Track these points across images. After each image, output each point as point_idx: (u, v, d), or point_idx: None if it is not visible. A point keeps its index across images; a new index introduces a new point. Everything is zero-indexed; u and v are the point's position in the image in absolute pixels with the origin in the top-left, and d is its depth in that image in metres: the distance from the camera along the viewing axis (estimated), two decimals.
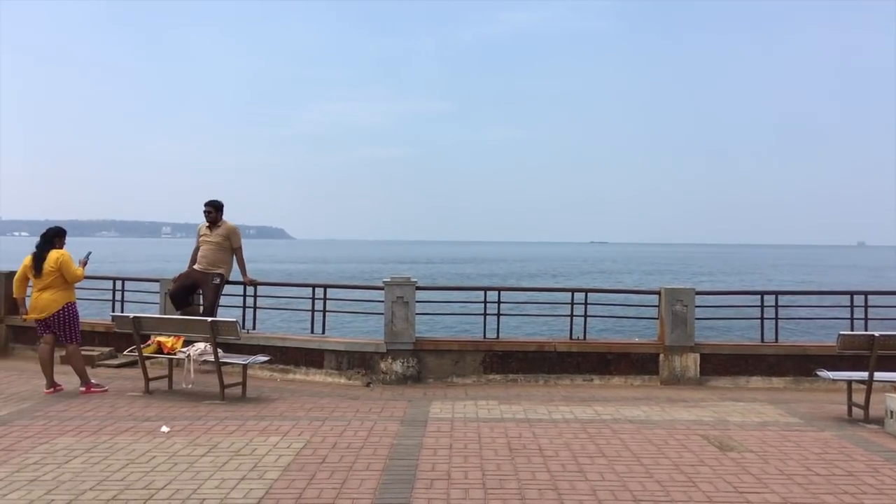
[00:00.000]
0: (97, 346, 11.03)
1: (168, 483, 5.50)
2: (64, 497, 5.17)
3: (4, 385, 9.28)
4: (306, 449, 6.50)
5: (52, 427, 7.18)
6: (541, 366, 10.06)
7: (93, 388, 8.90)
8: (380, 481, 5.64)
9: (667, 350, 10.05)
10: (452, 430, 7.26)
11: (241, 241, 10.46)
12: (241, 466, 5.94)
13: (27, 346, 11.61)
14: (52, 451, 6.32)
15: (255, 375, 9.83)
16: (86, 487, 5.38)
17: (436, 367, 9.98)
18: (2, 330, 11.86)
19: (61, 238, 9.05)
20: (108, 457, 6.17)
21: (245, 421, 7.51)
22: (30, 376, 9.80)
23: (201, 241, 10.39)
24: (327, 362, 10.12)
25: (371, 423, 7.48)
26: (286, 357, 10.26)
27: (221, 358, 8.76)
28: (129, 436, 6.87)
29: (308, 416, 7.82)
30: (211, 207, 10.33)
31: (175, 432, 7.02)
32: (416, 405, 8.45)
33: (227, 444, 6.59)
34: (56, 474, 5.69)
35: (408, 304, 9.85)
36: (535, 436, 7.08)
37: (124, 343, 10.34)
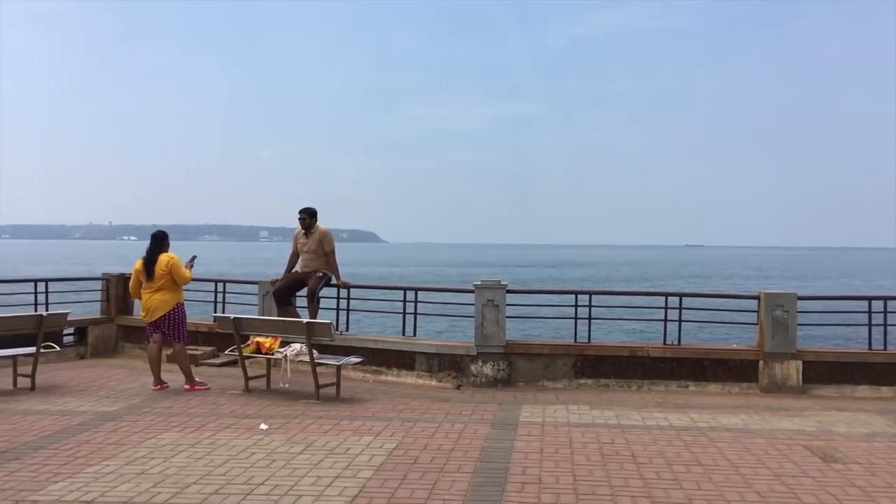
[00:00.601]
0: (200, 345, 11.49)
1: (267, 479, 5.69)
2: (169, 490, 5.42)
3: (115, 382, 9.79)
4: (398, 449, 6.60)
5: (158, 422, 7.53)
6: (634, 371, 9.89)
7: (196, 386, 9.29)
8: (470, 483, 5.67)
9: (766, 357, 9.71)
10: (543, 435, 7.22)
11: (333, 244, 10.70)
12: (336, 465, 6.08)
13: (136, 344, 12.20)
14: (159, 446, 6.63)
15: (349, 376, 10.04)
16: (190, 481, 5.62)
17: (526, 371, 9.94)
18: (113, 329, 12.50)
19: (167, 241, 9.48)
20: (211, 452, 6.43)
21: (339, 420, 7.69)
22: (138, 374, 10.30)
23: (299, 249, 10.73)
24: (418, 364, 10.24)
25: (462, 426, 7.53)
26: (378, 359, 10.43)
27: (316, 359, 9.00)
28: (231, 432, 7.14)
29: (400, 416, 7.94)
30: (305, 214, 10.63)
31: (273, 430, 7.25)
32: (507, 408, 8.45)
33: (323, 443, 6.76)
34: (162, 468, 5.96)
35: (498, 308, 9.86)
36: (628, 442, 6.97)
37: (225, 343, 10.74)
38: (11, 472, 5.80)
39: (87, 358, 11.89)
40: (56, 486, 5.47)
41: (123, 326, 12.50)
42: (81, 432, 7.09)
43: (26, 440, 6.78)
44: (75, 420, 7.59)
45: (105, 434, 7.03)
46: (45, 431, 7.11)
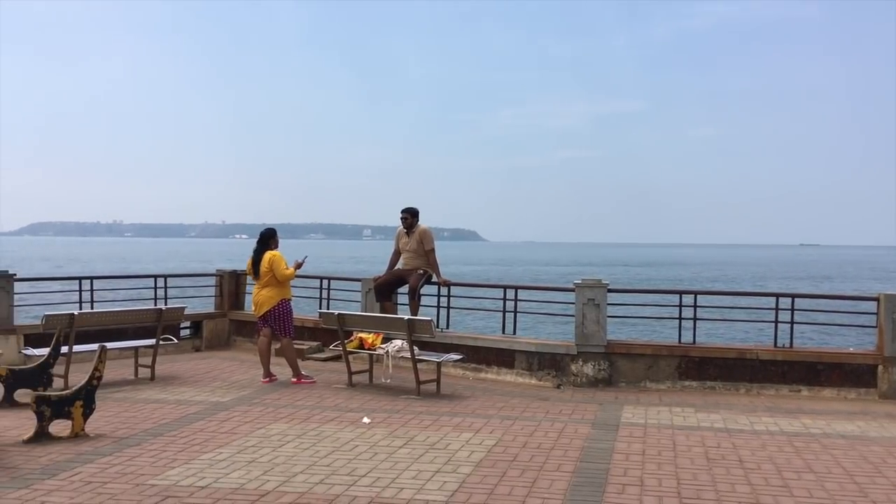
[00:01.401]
0: (306, 340, 11.86)
1: (369, 471, 5.83)
2: (278, 478, 5.63)
3: (227, 374, 10.23)
4: (498, 446, 6.63)
5: (267, 413, 7.83)
6: (741, 374, 9.56)
7: (303, 379, 9.60)
8: (570, 483, 5.64)
9: (887, 361, 9.19)
10: (645, 436, 7.10)
11: (433, 243, 10.83)
12: (436, 459, 6.17)
13: (246, 338, 12.71)
14: (268, 436, 6.90)
15: (449, 373, 10.14)
16: (297, 471, 5.83)
17: (628, 371, 9.78)
18: (225, 324, 13.07)
19: (274, 239, 9.82)
20: (317, 443, 6.64)
21: (439, 416, 7.78)
22: (249, 366, 10.73)
23: (400, 247, 10.93)
24: (518, 362, 10.23)
25: (561, 425, 7.48)
26: (478, 356, 10.48)
27: (417, 355, 9.14)
28: (335, 425, 7.35)
29: (499, 414, 7.96)
30: (407, 214, 10.82)
31: (375, 424, 7.41)
32: (608, 409, 8.34)
33: (423, 438, 6.87)
34: (271, 457, 6.20)
35: (599, 307, 9.74)
36: (735, 447, 6.76)
37: (330, 338, 11.04)
38: (132, 458, 6.16)
39: (201, 350, 12.48)
40: (173, 472, 5.78)
41: (235, 321, 13.04)
42: (197, 421, 7.46)
43: (146, 427, 7.19)
44: (191, 409, 7.98)
45: (218, 423, 7.37)
46: (163, 419, 7.52)
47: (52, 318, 9.03)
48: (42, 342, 9.70)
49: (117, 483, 5.49)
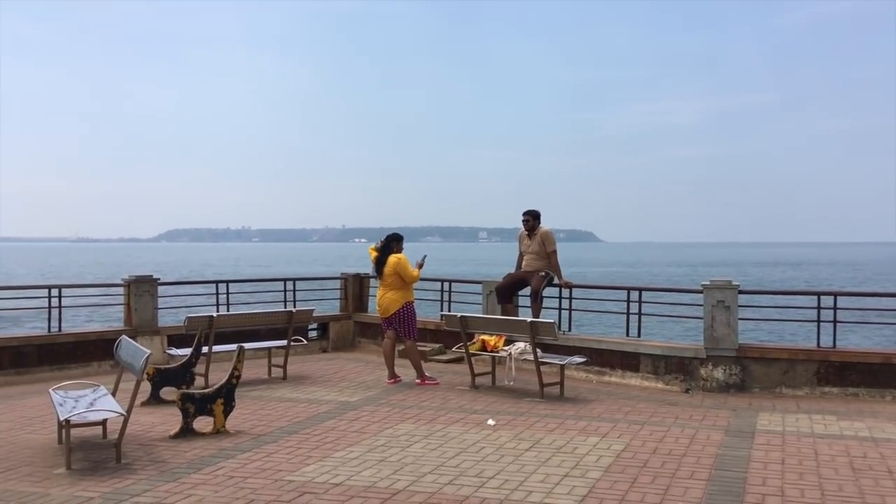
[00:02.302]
0: (429, 342, 12.02)
1: (497, 473, 5.84)
2: (407, 478, 5.73)
3: (354, 374, 10.51)
4: (626, 451, 6.50)
5: (394, 414, 7.99)
6: (889, 380, 8.96)
7: (427, 380, 9.74)
8: (705, 491, 5.45)
9: None
10: (784, 444, 6.77)
11: (555, 245, 10.75)
12: (564, 463, 6.11)
13: (370, 340, 13.02)
14: (396, 436, 7.03)
15: (572, 376, 10.02)
16: (425, 471, 5.91)
17: (761, 376, 9.36)
18: (350, 325, 13.43)
19: (398, 243, 10.00)
20: (443, 444, 6.71)
21: (564, 420, 7.71)
22: (374, 367, 10.98)
23: (523, 249, 10.93)
24: (643, 366, 9.99)
25: (692, 431, 7.25)
26: (601, 359, 10.31)
27: (540, 357, 9.09)
28: (460, 426, 7.41)
29: (626, 419, 7.80)
30: (529, 216, 10.80)
31: (500, 426, 7.43)
32: (741, 415, 8.01)
33: (549, 441, 6.82)
34: (400, 457, 6.33)
35: (729, 309, 9.37)
36: (884, 457, 6.35)
37: (452, 340, 11.14)
38: (270, 454, 6.43)
39: (328, 351, 12.87)
40: (308, 468, 5.99)
41: (360, 322, 13.38)
42: (327, 420, 7.70)
43: (281, 425, 7.49)
44: (322, 408, 8.25)
45: (348, 422, 7.58)
46: (296, 417, 7.81)
47: (193, 319, 9.56)
48: (182, 342, 10.29)
49: (257, 478, 5.74)
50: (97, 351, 10.72)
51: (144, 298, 11.17)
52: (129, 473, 5.88)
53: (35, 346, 10.41)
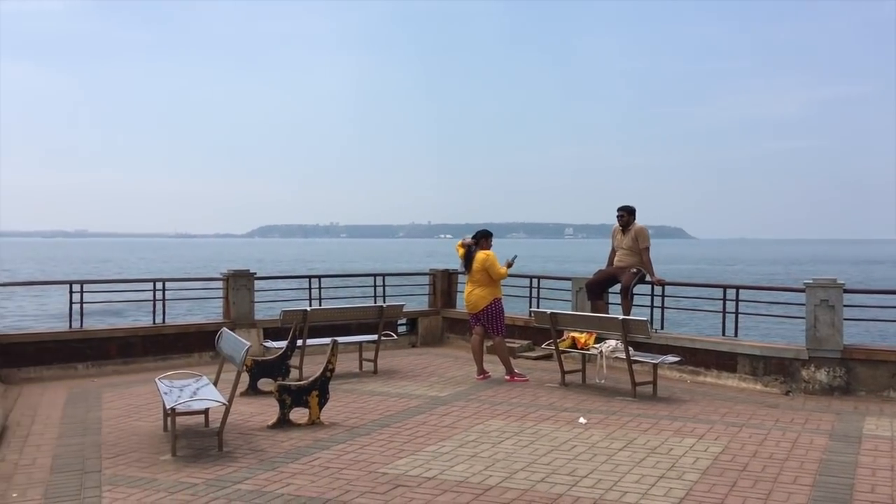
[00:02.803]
0: (517, 338, 11.97)
1: (590, 472, 5.77)
2: (500, 474, 5.73)
3: (443, 370, 10.57)
4: (724, 454, 6.31)
5: (484, 410, 8.00)
6: None
7: (516, 377, 9.71)
8: (810, 497, 5.25)
9: None
10: (893, 451, 6.45)
11: (648, 241, 10.54)
12: (659, 465, 5.98)
13: (459, 335, 13.08)
14: (486, 432, 7.04)
15: (664, 375, 9.80)
16: (517, 468, 5.90)
17: (868, 379, 8.92)
18: (438, 321, 13.52)
19: (487, 239, 9.99)
20: (534, 442, 6.68)
21: (658, 420, 7.55)
22: (462, 363, 11.02)
23: (616, 245, 10.77)
24: (741, 367, 9.68)
25: (794, 435, 6.98)
26: (696, 359, 10.04)
27: (632, 356, 8.93)
28: (551, 424, 7.36)
29: (723, 420, 7.58)
30: (623, 212, 10.62)
31: (591, 424, 7.33)
32: (846, 419, 7.66)
33: (643, 441, 6.69)
34: (491, 453, 6.33)
35: (833, 309, 8.97)
36: None
37: (541, 337, 11.06)
38: (363, 446, 6.54)
39: (417, 347, 13.00)
40: (401, 462, 6.06)
41: (448, 318, 13.45)
42: (418, 414, 7.78)
43: (373, 418, 7.60)
44: (412, 403, 8.34)
45: (438, 417, 7.64)
46: (388, 411, 7.92)
47: (288, 313, 9.81)
48: (277, 335, 10.57)
49: (352, 469, 5.84)
50: (198, 342, 11.13)
51: (242, 292, 11.53)
52: (230, 461, 6.08)
53: (140, 336, 10.90)
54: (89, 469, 5.93)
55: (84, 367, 10.30)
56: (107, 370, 10.37)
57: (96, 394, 8.89)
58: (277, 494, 5.27)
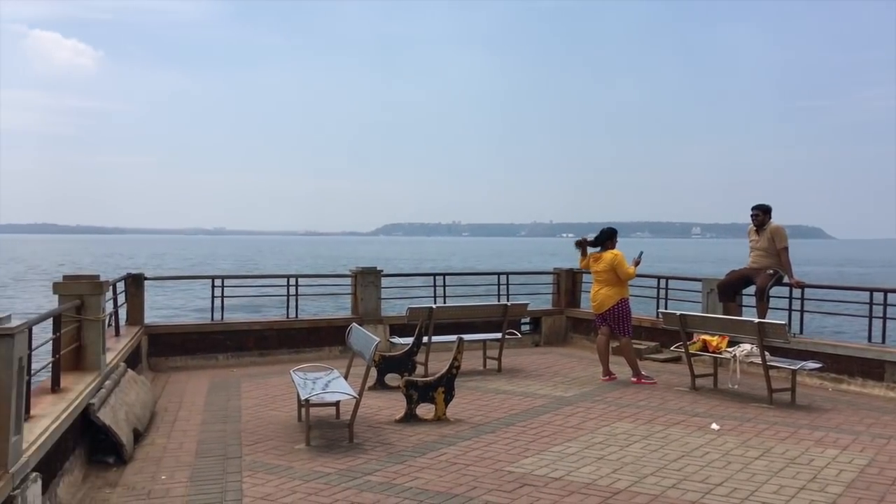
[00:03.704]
0: (643, 340, 11.70)
1: (724, 480, 5.57)
2: (628, 478, 5.62)
3: (567, 370, 10.47)
4: (871, 467, 5.94)
5: (610, 412, 7.86)
6: None
7: (643, 379, 9.48)
8: None
9: None
10: None
11: (786, 241, 10.04)
12: (799, 475, 5.69)
13: (583, 335, 12.92)
14: (613, 434, 6.91)
15: (804, 382, 9.31)
16: (647, 472, 5.76)
17: None
18: (562, 320, 13.40)
19: (613, 239, 9.80)
20: (664, 446, 6.50)
21: (797, 429, 7.18)
22: (587, 363, 10.88)
23: (750, 246, 10.33)
24: (889, 375, 9.05)
25: None
26: (838, 365, 9.48)
27: (769, 361, 8.53)
28: (681, 429, 7.14)
29: (868, 431, 7.12)
30: (758, 211, 10.17)
31: (725, 431, 7.06)
32: None
33: (781, 451, 6.38)
34: (619, 456, 6.21)
35: None
36: None
37: (669, 339, 10.77)
38: (489, 444, 6.57)
39: (540, 346, 12.94)
40: (527, 461, 6.05)
41: (572, 318, 13.31)
42: (543, 413, 7.74)
43: (498, 416, 7.62)
44: (537, 402, 8.30)
45: (564, 417, 7.57)
46: (512, 410, 7.92)
47: (414, 310, 9.99)
48: (403, 331, 10.79)
49: (478, 466, 5.89)
50: (327, 336, 11.53)
51: (369, 289, 11.84)
52: (360, 453, 6.26)
53: (275, 330, 11.39)
54: (231, 455, 6.25)
55: (224, 358, 10.89)
56: (244, 361, 10.91)
57: (235, 383, 9.37)
58: (406, 487, 5.38)
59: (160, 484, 5.55)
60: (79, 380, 6.40)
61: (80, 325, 6.85)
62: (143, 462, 6.11)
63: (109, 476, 5.81)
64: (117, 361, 7.75)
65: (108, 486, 5.55)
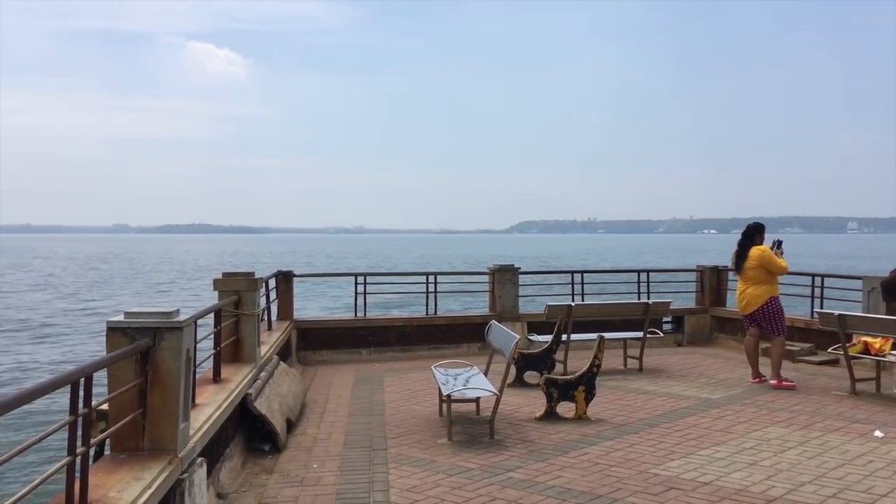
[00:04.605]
0: (796, 341, 11.09)
1: (890, 491, 5.20)
2: (783, 485, 5.34)
3: (713, 371, 10.08)
4: None
5: (762, 416, 7.50)
6: None
7: (783, 382, 8.93)
8: None
9: None
10: None
11: None
12: None
13: (729, 335, 12.41)
14: (766, 439, 6.60)
15: None
16: (804, 480, 5.46)
17: None
18: (707, 319, 12.91)
19: (761, 234, 9.32)
20: (822, 453, 6.14)
21: None
22: (734, 364, 10.43)
23: None
24: None
25: None
26: None
27: None
28: (840, 435, 6.72)
29: None
30: None
31: (889, 439, 6.60)
32: None
33: None
34: (773, 462, 5.92)
35: None
36: None
37: (825, 340, 10.17)
38: (632, 445, 6.44)
39: (682, 345, 12.53)
40: (673, 464, 5.88)
41: (717, 317, 12.81)
42: (688, 416, 7.49)
43: (641, 417, 7.45)
44: (681, 403, 8.05)
45: (711, 420, 7.30)
46: (656, 411, 7.72)
47: (553, 308, 9.93)
48: (540, 329, 10.75)
49: (621, 468, 5.78)
50: (465, 333, 11.67)
51: (507, 286, 11.88)
52: (501, 449, 6.30)
53: (415, 326, 11.65)
54: (376, 447, 6.45)
55: (367, 353, 11.25)
56: (386, 356, 11.22)
57: (378, 377, 9.65)
58: (549, 486, 5.36)
59: (312, 472, 5.81)
60: (237, 371, 6.80)
61: (237, 319, 7.29)
62: (295, 451, 6.42)
63: (265, 463, 6.14)
64: (270, 354, 8.18)
65: (264, 473, 5.87)
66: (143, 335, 4.24)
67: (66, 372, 3.34)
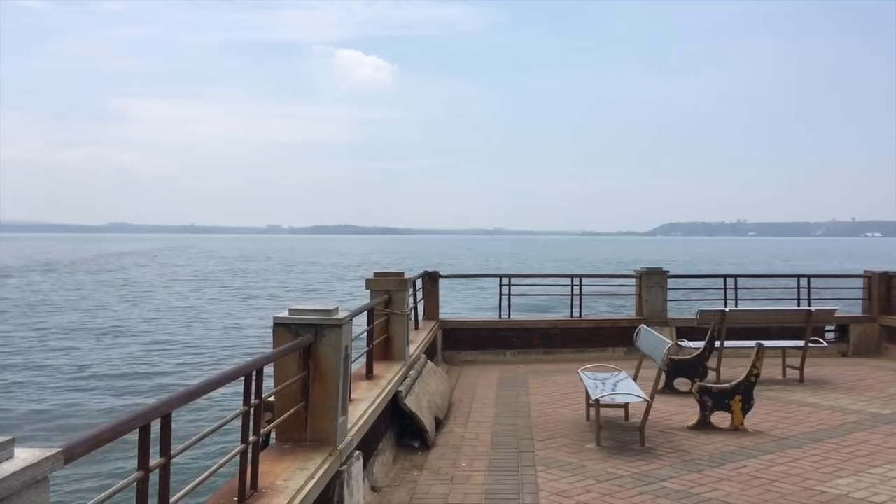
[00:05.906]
0: None
1: None
2: None
3: (883, 384, 9.37)
4: None
5: None
6: None
7: None
8: None
9: None
10: None
11: None
12: None
13: None
14: None
15: None
16: None
17: None
18: (875, 329, 12.01)
19: None
20: None
21: None
22: None
23: None
24: None
25: None
26: None
27: None
28: None
29: None
30: None
31: None
32: None
33: None
34: None
35: None
36: None
37: None
38: (795, 459, 6.08)
39: (847, 356, 11.72)
40: (842, 481, 5.51)
41: (886, 327, 11.89)
42: (857, 431, 7.00)
43: (803, 430, 7.03)
44: (848, 418, 7.53)
45: (882, 437, 6.78)
46: (820, 424, 7.26)
47: (706, 313, 9.55)
48: (690, 335, 10.35)
49: (784, 483, 5.48)
50: (610, 337, 11.45)
51: (655, 290, 11.54)
52: (652, 458, 6.12)
53: (560, 329, 11.55)
54: (524, 448, 6.45)
55: (511, 354, 11.26)
56: (530, 358, 11.19)
57: (523, 379, 9.64)
58: (706, 498, 5.16)
59: (461, 471, 5.88)
60: (388, 368, 7.00)
61: (387, 318, 7.49)
62: (444, 448, 6.52)
63: (416, 459, 6.27)
64: (419, 353, 8.35)
65: (415, 469, 6.00)
66: (306, 331, 4.43)
67: (242, 364, 3.56)
